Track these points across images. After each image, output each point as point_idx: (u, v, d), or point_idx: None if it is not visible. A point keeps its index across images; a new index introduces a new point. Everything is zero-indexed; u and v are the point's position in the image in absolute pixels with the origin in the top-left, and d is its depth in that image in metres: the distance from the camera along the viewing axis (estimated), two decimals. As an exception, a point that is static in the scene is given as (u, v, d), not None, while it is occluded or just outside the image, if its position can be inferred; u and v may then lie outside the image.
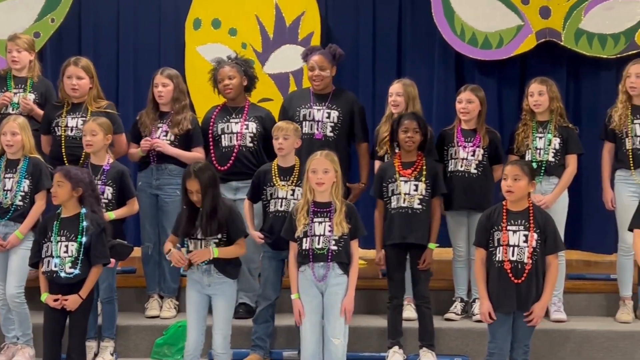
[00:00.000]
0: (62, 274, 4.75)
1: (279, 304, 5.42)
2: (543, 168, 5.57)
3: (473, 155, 5.58)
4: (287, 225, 4.91)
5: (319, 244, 4.79)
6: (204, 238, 4.83)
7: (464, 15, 6.75)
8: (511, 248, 4.64)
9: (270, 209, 5.26)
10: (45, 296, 4.80)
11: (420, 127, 5.25)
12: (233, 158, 5.71)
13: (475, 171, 5.58)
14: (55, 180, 4.86)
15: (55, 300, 4.77)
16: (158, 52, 7.10)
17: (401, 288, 5.34)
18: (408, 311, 5.54)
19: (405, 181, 5.25)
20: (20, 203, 5.22)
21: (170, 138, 5.68)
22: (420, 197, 5.24)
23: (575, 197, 6.21)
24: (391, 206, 5.27)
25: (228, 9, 7.02)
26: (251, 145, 5.74)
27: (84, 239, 4.78)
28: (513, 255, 4.63)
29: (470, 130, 5.64)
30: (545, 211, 4.90)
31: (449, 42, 6.80)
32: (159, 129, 5.71)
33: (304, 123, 5.75)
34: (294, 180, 5.22)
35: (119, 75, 7.11)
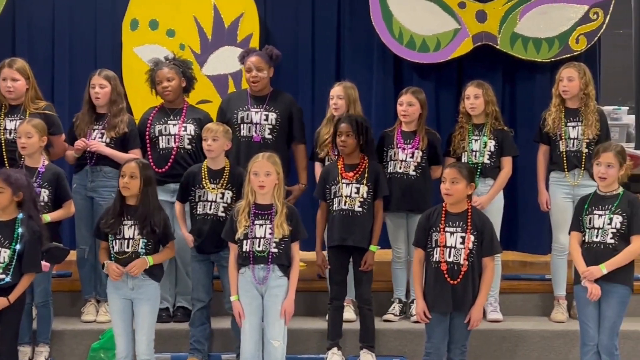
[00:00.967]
0: (-7, 280, 4.66)
1: (216, 307, 5.39)
2: (479, 170, 5.64)
3: (412, 157, 5.63)
4: (228, 227, 4.89)
5: (259, 246, 4.77)
6: (132, 237, 4.79)
7: (402, 19, 6.80)
8: (448, 249, 4.69)
9: (198, 212, 5.23)
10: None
11: (354, 131, 5.26)
12: (171, 160, 5.66)
13: (414, 173, 5.62)
14: None
15: None
16: (94, 53, 6.98)
17: (343, 290, 5.36)
18: (348, 313, 5.56)
19: (347, 184, 5.27)
20: None
21: (106, 140, 5.60)
22: (362, 200, 5.26)
23: (511, 199, 6.32)
24: (333, 208, 5.29)
25: (166, 9, 6.94)
26: (189, 147, 5.70)
27: (18, 246, 4.69)
28: (450, 257, 4.69)
29: (410, 132, 5.68)
30: (483, 214, 4.96)
31: (387, 45, 6.84)
32: (95, 131, 5.63)
33: (242, 126, 5.74)
34: (224, 183, 5.19)
35: (54, 75, 6.97)
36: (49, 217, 5.14)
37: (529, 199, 6.28)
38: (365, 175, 5.29)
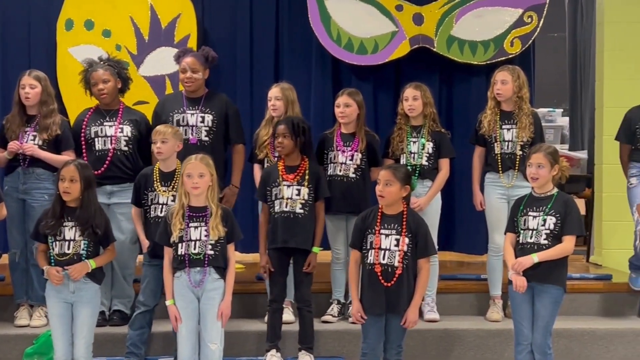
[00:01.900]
0: None
1: (159, 310, 5.33)
2: (417, 172, 5.69)
3: (351, 160, 5.65)
4: (162, 230, 4.82)
5: (195, 248, 4.73)
6: (73, 239, 4.72)
7: (340, 21, 6.83)
8: (383, 251, 4.70)
9: (150, 215, 5.18)
10: None
11: (291, 132, 5.26)
12: (108, 162, 5.59)
13: (354, 175, 5.64)
14: None
15: None
16: (28, 53, 6.86)
17: (283, 292, 5.35)
18: (287, 314, 5.55)
19: (288, 185, 5.26)
20: None
21: (39, 142, 5.51)
22: (302, 202, 5.26)
23: (448, 200, 6.38)
24: (274, 210, 5.27)
25: (101, 9, 6.86)
26: (126, 149, 5.63)
27: None
28: (384, 259, 4.70)
29: (349, 134, 5.70)
30: (419, 215, 4.97)
31: (325, 47, 6.87)
32: (27, 133, 5.53)
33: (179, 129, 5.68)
34: (175, 186, 5.14)
35: (-15, 76, 6.85)
36: (-21, 221, 5.05)
37: (466, 200, 6.34)
38: (306, 177, 5.29)
